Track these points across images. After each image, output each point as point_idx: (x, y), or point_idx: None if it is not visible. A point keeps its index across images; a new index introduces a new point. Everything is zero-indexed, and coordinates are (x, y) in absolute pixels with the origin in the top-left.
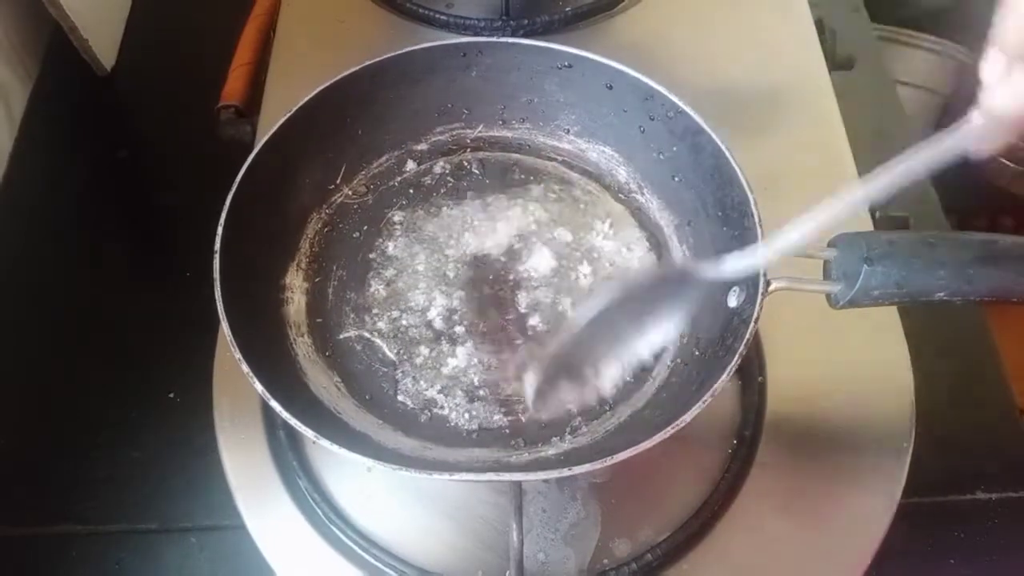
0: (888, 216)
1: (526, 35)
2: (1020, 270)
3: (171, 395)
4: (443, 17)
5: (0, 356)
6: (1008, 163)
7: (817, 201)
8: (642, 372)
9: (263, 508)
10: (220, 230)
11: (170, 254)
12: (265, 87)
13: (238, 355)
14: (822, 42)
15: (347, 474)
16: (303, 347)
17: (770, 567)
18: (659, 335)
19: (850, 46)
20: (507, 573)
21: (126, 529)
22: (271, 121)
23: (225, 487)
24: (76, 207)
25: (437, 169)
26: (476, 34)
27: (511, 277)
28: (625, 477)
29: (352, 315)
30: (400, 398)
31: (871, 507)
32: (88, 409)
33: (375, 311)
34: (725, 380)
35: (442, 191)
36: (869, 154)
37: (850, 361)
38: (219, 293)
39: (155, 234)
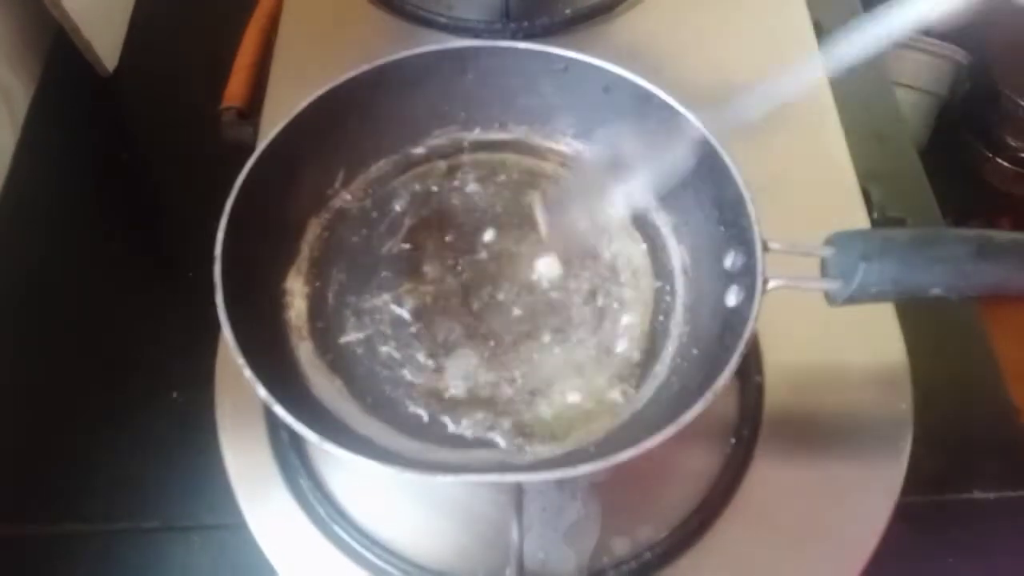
0: (886, 217)
1: (526, 37)
2: (1016, 265)
3: (174, 395)
4: (443, 19)
5: (0, 355)
6: (1006, 164)
7: (815, 203)
8: (642, 371)
9: (265, 507)
10: (220, 235)
11: (172, 255)
12: (267, 89)
13: (240, 360)
14: (820, 44)
15: (348, 473)
16: (305, 351)
17: (768, 565)
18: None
19: None
20: (507, 571)
21: (128, 528)
22: (272, 123)
23: (227, 486)
24: (79, 208)
25: (435, 172)
26: (476, 36)
27: (511, 279)
28: (625, 476)
29: (353, 319)
30: (402, 401)
31: (869, 506)
32: (90, 409)
33: (376, 315)
34: (726, 379)
35: (440, 194)
36: (867, 155)
37: (848, 360)
38: (220, 298)
39: (157, 235)
